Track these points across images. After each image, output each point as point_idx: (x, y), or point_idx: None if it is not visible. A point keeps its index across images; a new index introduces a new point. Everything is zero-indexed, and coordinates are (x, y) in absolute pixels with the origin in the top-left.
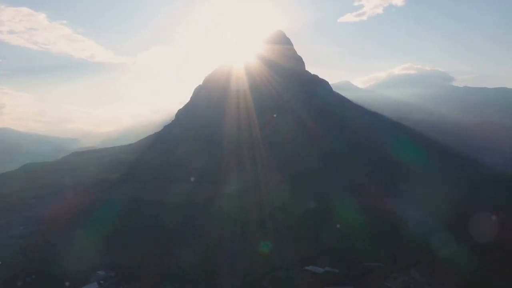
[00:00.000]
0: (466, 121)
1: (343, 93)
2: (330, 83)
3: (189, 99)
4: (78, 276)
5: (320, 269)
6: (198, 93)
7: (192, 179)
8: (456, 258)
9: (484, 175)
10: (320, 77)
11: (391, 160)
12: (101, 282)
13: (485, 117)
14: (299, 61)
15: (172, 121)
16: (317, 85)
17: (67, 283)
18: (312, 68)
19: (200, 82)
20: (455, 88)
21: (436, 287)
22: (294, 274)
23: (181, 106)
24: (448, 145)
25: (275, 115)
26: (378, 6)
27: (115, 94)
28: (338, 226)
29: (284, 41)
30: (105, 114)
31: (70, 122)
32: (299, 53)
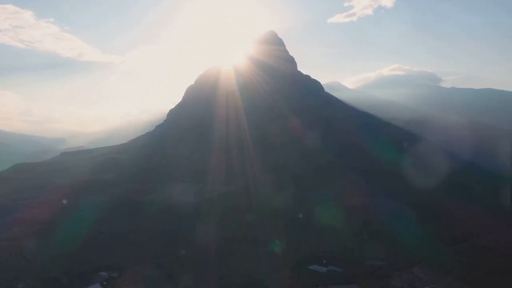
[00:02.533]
0: (455, 122)
1: (333, 93)
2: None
3: (179, 98)
4: (80, 278)
5: (323, 268)
6: (190, 93)
7: (187, 179)
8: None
9: (475, 176)
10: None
11: (385, 160)
12: (104, 283)
13: (472, 117)
14: (291, 61)
15: (164, 121)
16: (310, 86)
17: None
18: (301, 68)
19: (191, 82)
20: (442, 89)
21: (441, 285)
22: (298, 274)
23: (171, 106)
24: (439, 146)
25: (267, 116)
26: (368, 7)
27: (103, 93)
28: (336, 226)
29: (276, 42)
30: (93, 114)
31: (56, 121)
32: (290, 53)
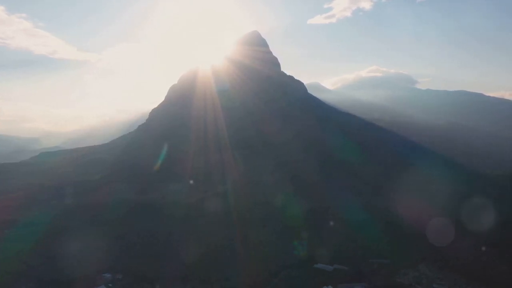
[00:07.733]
0: (433, 123)
1: (313, 94)
2: None
3: (157, 98)
4: (83, 281)
5: (329, 266)
6: (174, 93)
7: (175, 179)
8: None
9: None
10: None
11: (383, 160)
12: (110, 285)
13: (448, 118)
14: (275, 62)
15: (147, 120)
16: (293, 87)
17: None
18: (281, 69)
19: (170, 82)
20: (418, 91)
21: (447, 282)
22: (305, 273)
23: (148, 106)
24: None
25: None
26: (346, 9)
27: (78, 92)
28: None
29: (260, 42)
30: (68, 113)
31: (29, 121)
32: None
